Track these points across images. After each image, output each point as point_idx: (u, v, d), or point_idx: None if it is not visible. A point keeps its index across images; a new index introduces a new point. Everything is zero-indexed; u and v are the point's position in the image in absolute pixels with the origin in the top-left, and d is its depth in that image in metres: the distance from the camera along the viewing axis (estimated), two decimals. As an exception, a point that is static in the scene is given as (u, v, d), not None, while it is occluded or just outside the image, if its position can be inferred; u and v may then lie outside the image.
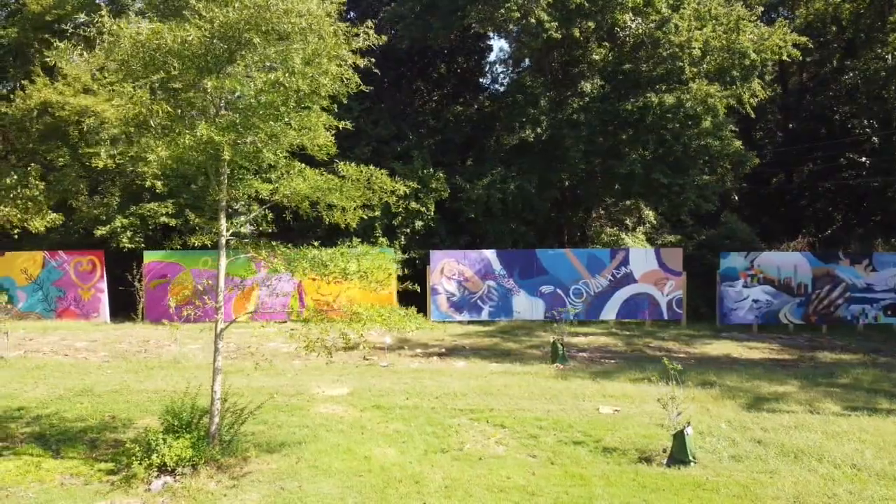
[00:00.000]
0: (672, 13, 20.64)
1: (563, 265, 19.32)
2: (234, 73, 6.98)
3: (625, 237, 22.46)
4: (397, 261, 18.90)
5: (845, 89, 28.28)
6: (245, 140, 6.91)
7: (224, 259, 7.59)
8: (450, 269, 19.37)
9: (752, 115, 22.48)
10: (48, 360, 13.78)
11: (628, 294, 19.22)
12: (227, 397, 7.92)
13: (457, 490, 6.96)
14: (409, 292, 9.83)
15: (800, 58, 22.79)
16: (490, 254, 19.56)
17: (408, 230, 21.03)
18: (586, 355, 14.59)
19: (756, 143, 28.79)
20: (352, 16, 24.15)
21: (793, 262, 19.17)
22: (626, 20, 21.02)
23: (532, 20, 20.01)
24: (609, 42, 22.73)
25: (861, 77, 27.26)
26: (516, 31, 23.10)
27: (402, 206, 19.47)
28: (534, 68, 24.56)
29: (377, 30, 7.57)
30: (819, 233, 28.80)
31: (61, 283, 20.06)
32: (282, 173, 7.79)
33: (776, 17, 28.61)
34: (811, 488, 7.01)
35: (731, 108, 21.69)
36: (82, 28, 6.94)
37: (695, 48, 20.35)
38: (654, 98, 20.58)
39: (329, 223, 8.17)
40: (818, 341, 16.91)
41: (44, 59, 21.38)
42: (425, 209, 20.93)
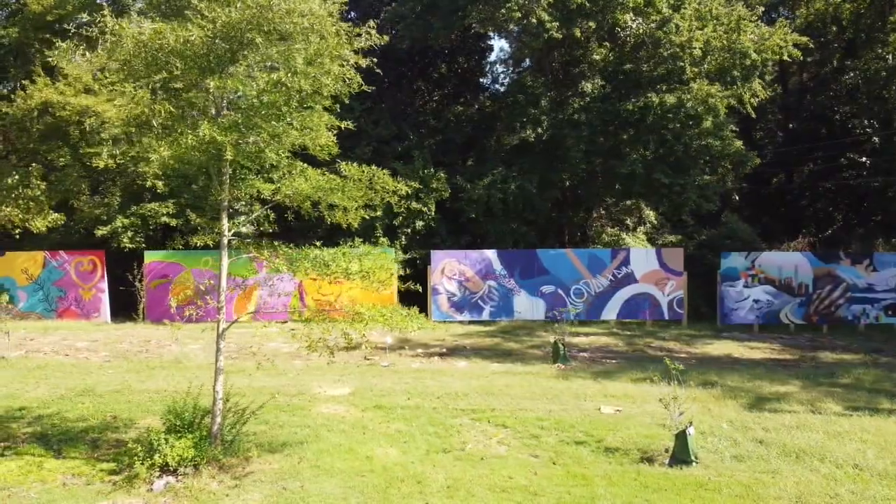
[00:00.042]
0: (673, 13, 20.63)
1: (563, 265, 19.32)
2: (235, 73, 6.97)
3: (625, 237, 22.45)
4: (399, 261, 18.90)
5: (846, 89, 28.27)
6: (247, 140, 6.90)
7: (226, 259, 7.58)
8: (451, 269, 19.37)
9: (753, 115, 22.48)
10: (49, 360, 13.78)
11: (629, 294, 19.22)
12: (229, 397, 7.92)
13: (459, 490, 6.96)
14: (410, 292, 9.82)
15: (800, 58, 22.78)
16: (491, 254, 19.55)
17: (409, 230, 21.03)
18: (587, 355, 14.59)
19: (756, 143, 28.78)
20: (352, 16, 24.15)
21: (794, 262, 19.17)
22: (627, 20, 21.02)
23: (533, 20, 19.99)
24: (610, 42, 22.72)
25: (861, 77, 27.27)
26: (517, 31, 23.09)
27: (403, 206, 19.48)
28: (534, 68, 24.55)
29: (378, 30, 7.56)
30: (819, 233, 28.80)
31: (62, 283, 20.05)
32: (284, 173, 7.78)
33: (777, 17, 28.61)
34: (813, 488, 7.01)
35: (732, 108, 21.67)
36: (84, 28, 6.93)
37: (695, 48, 20.35)
38: (654, 98, 20.57)
39: (330, 223, 8.16)
40: (819, 341, 16.91)
41: (45, 58, 21.44)
42: (426, 209, 20.92)
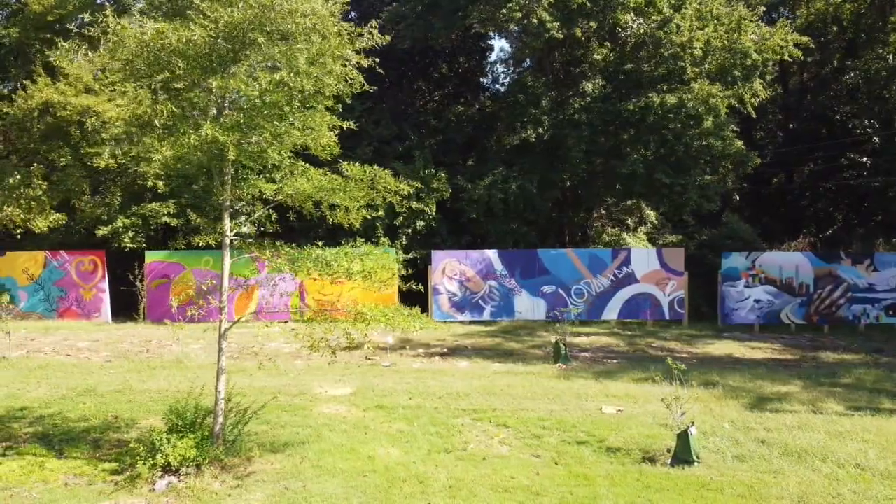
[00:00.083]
0: (674, 13, 20.62)
1: (564, 265, 19.32)
2: (237, 73, 6.97)
3: (626, 237, 22.44)
4: (400, 261, 18.89)
5: (846, 89, 28.28)
6: (250, 140, 6.90)
7: (228, 259, 7.58)
8: (451, 269, 19.36)
9: (754, 115, 22.47)
10: (50, 360, 13.78)
11: (630, 294, 19.21)
12: (231, 397, 7.92)
13: (461, 490, 6.96)
14: (411, 292, 9.82)
15: (801, 58, 22.78)
16: (492, 254, 19.55)
17: (409, 230, 21.03)
18: (588, 355, 14.58)
19: (757, 143, 28.77)
20: (353, 16, 24.15)
21: (794, 262, 19.16)
22: (628, 20, 21.02)
23: (534, 20, 19.98)
24: (611, 42, 22.71)
25: (862, 77, 27.28)
26: (517, 30, 23.09)
27: (404, 206, 19.48)
28: (535, 68, 24.55)
29: (379, 30, 7.56)
30: (820, 233, 28.80)
31: (63, 283, 20.05)
32: (285, 173, 7.78)
33: (777, 18, 28.61)
34: (815, 488, 7.01)
35: (732, 108, 21.67)
36: (86, 28, 6.93)
37: (696, 48, 20.34)
38: (655, 98, 20.56)
39: (332, 223, 8.16)
40: (820, 341, 16.91)
41: (45, 58, 21.45)
42: (427, 209, 20.93)
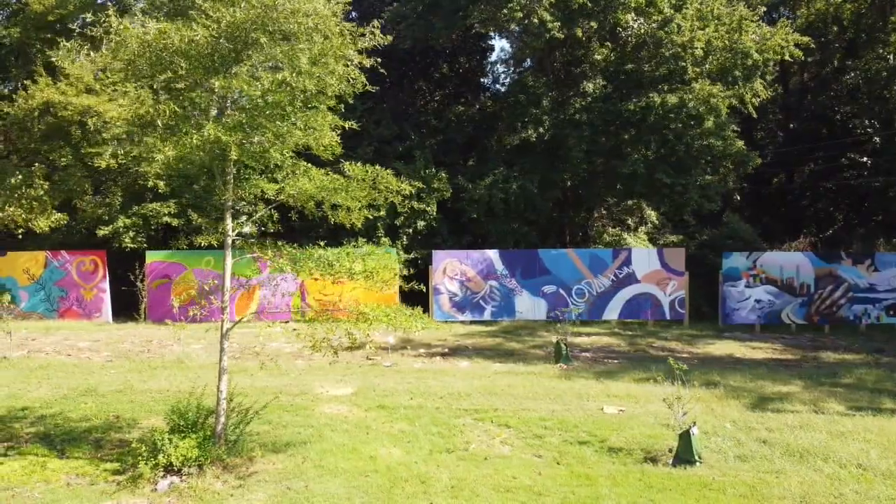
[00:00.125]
0: (674, 13, 20.63)
1: (565, 265, 19.32)
2: (239, 73, 6.97)
3: (627, 237, 22.43)
4: (402, 261, 18.89)
5: (846, 89, 28.29)
6: (252, 140, 6.90)
7: (230, 259, 7.58)
8: (452, 269, 19.36)
9: (755, 115, 22.48)
10: (51, 359, 13.77)
11: (631, 294, 19.21)
12: (232, 397, 7.92)
13: (463, 490, 6.96)
14: (411, 292, 9.81)
15: (801, 58, 22.79)
16: (492, 254, 19.55)
17: (410, 230, 21.03)
18: (589, 355, 14.58)
19: (757, 143, 28.78)
20: (353, 16, 24.16)
21: (795, 262, 19.16)
22: (629, 20, 21.02)
23: (535, 20, 19.98)
24: (611, 42, 22.71)
25: (862, 77, 27.29)
26: (518, 30, 23.09)
27: (406, 206, 19.49)
28: (536, 68, 24.55)
29: (380, 30, 7.56)
30: (820, 233, 28.81)
31: (63, 283, 20.05)
32: (287, 173, 7.78)
33: (777, 18, 28.62)
34: (817, 488, 7.01)
35: (733, 108, 21.68)
36: (89, 28, 6.93)
37: (697, 48, 20.35)
38: (656, 98, 20.56)
39: (334, 223, 8.15)
40: (821, 341, 16.91)
41: (46, 58, 21.46)
42: (428, 209, 20.93)
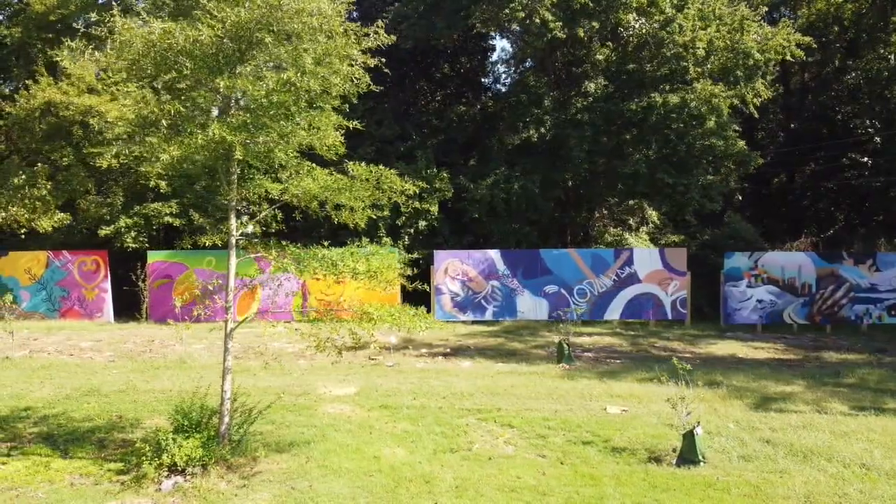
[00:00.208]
0: (676, 13, 20.62)
1: (567, 265, 19.31)
2: (243, 73, 6.97)
3: (628, 237, 22.43)
4: (405, 261, 18.88)
5: (847, 89, 28.30)
6: (257, 140, 6.90)
7: (234, 259, 7.57)
8: (454, 269, 19.36)
9: (756, 115, 22.49)
10: (53, 359, 13.78)
11: (632, 294, 19.21)
12: (236, 397, 7.92)
13: (468, 490, 6.95)
14: (413, 292, 9.80)
15: (803, 58, 22.80)
16: (494, 254, 19.54)
17: (411, 230, 21.03)
18: (591, 355, 14.58)
19: (758, 143, 28.78)
20: (354, 16, 24.14)
21: (797, 262, 19.16)
22: (630, 20, 21.02)
23: (536, 20, 19.98)
24: (613, 42, 22.72)
25: (863, 77, 27.31)
26: (520, 31, 23.09)
27: (409, 206, 19.48)
28: (537, 68, 24.56)
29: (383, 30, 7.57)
30: (821, 233, 28.80)
31: (65, 283, 20.05)
32: (291, 173, 7.78)
33: (778, 18, 28.62)
34: (821, 488, 7.01)
35: (734, 108, 21.68)
36: (93, 28, 6.92)
37: (699, 48, 20.34)
38: (658, 98, 20.56)
39: (337, 222, 8.15)
40: (823, 341, 16.90)
41: (47, 58, 21.47)
42: (429, 209, 20.93)
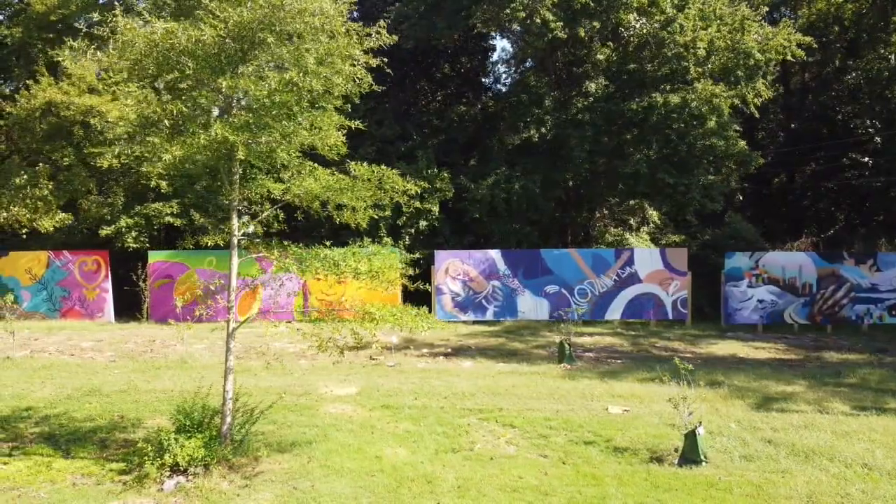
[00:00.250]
0: (677, 13, 20.62)
1: (567, 265, 19.31)
2: (245, 73, 6.97)
3: (629, 237, 22.43)
4: (406, 261, 18.88)
5: (848, 89, 28.29)
6: (259, 140, 6.90)
7: (236, 259, 7.57)
8: (454, 269, 19.36)
9: (757, 115, 22.49)
10: (54, 359, 13.78)
11: (633, 294, 19.21)
12: (237, 397, 7.92)
13: (470, 490, 6.96)
14: (413, 292, 9.81)
15: (803, 58, 22.80)
16: (495, 254, 19.54)
17: (412, 230, 21.04)
18: (592, 355, 14.58)
19: (758, 143, 28.78)
20: (356, 16, 24.14)
21: (797, 263, 19.16)
22: (631, 20, 21.03)
23: (537, 20, 19.99)
24: (613, 42, 22.72)
25: (864, 77, 27.30)
26: (520, 30, 23.09)
27: (411, 206, 19.49)
28: (538, 68, 24.56)
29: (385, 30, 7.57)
30: (822, 233, 28.78)
31: (66, 283, 20.05)
32: (293, 173, 7.78)
33: (779, 18, 28.62)
34: (823, 488, 7.01)
35: (734, 108, 21.68)
36: (95, 28, 6.92)
37: (700, 48, 20.34)
38: (658, 98, 20.56)
39: (339, 222, 8.15)
40: (823, 341, 16.91)
41: (48, 58, 21.46)
42: (430, 209, 20.93)
